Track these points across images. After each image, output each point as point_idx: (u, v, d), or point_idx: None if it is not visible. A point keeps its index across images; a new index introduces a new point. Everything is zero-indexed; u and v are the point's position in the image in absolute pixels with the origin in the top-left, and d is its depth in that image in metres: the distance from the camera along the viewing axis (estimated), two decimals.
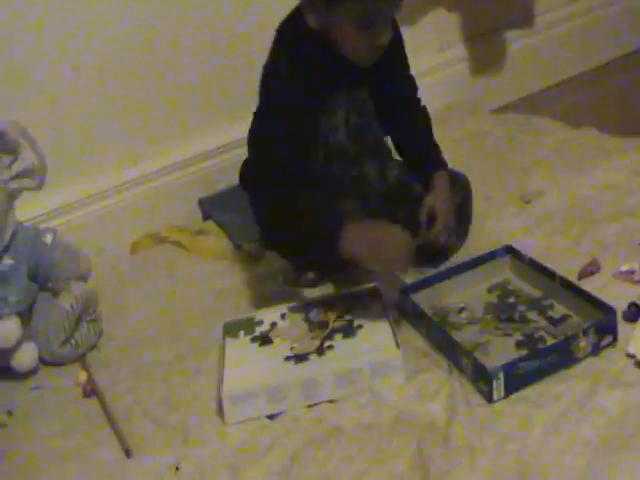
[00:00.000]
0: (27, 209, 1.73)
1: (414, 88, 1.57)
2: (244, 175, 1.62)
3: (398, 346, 1.27)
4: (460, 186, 1.55)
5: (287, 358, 1.32)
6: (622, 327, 1.26)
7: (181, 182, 2.00)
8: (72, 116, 1.84)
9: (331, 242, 1.27)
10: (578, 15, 2.57)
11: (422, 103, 1.58)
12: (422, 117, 1.57)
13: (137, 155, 1.96)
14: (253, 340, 1.40)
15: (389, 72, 1.46)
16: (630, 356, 1.21)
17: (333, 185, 1.42)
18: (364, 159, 1.44)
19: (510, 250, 1.50)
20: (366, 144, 1.44)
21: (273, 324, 1.43)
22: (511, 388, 1.18)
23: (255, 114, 1.50)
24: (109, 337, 1.58)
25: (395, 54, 1.46)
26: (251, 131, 1.57)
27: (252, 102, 1.95)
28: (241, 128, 1.98)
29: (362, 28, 1.29)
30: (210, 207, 1.98)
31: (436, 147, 1.55)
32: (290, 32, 1.38)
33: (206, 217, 1.99)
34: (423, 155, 1.52)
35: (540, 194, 1.78)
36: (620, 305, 1.29)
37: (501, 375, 1.16)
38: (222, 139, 2.03)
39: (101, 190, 1.92)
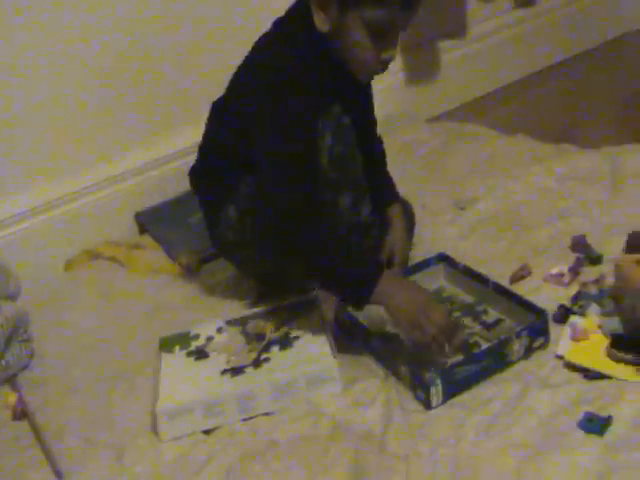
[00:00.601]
0: None
1: (375, 121, 1.57)
2: (196, 182, 1.58)
3: (334, 356, 1.27)
4: (408, 216, 1.56)
5: (223, 372, 1.31)
6: (552, 329, 1.29)
7: (117, 196, 1.98)
8: (1, 129, 1.80)
9: (360, 288, 1.23)
10: (510, 26, 2.64)
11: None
12: (380, 148, 1.57)
13: (70, 170, 1.92)
14: (189, 355, 1.39)
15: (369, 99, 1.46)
16: (559, 357, 1.24)
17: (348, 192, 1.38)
18: (354, 160, 1.37)
19: (444, 257, 1.52)
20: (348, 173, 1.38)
21: (209, 338, 1.42)
22: (449, 394, 1.19)
23: (233, 113, 1.43)
24: (41, 356, 1.54)
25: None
26: (209, 134, 1.53)
27: (190, 115, 1.99)
28: (178, 141, 2.01)
29: (376, 37, 1.24)
30: (146, 221, 1.96)
31: (390, 178, 1.56)
32: (294, 35, 1.31)
33: (143, 231, 1.98)
34: (379, 188, 1.50)
35: (474, 201, 1.81)
36: (550, 308, 1.33)
37: (438, 381, 1.17)
38: (159, 152, 2.01)
39: (33, 206, 1.88)
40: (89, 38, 1.87)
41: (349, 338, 1.40)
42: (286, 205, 1.24)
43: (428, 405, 1.19)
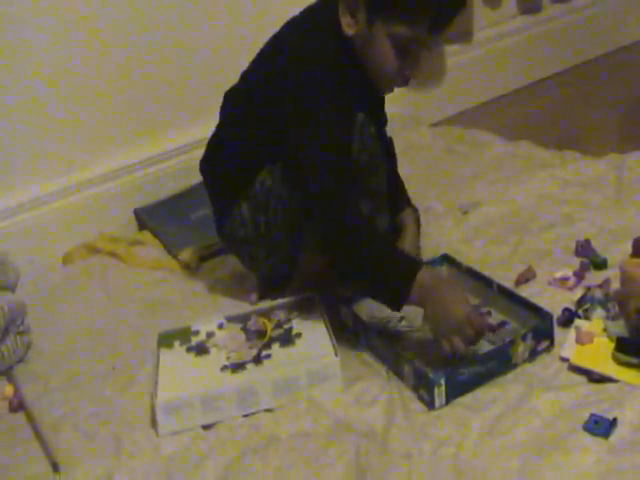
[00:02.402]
0: None
1: (386, 120, 1.57)
2: (206, 174, 1.56)
3: (336, 354, 1.27)
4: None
5: (223, 367, 1.31)
6: (556, 332, 1.30)
7: (117, 191, 1.99)
8: (0, 122, 1.81)
9: (396, 286, 1.22)
10: (515, 32, 2.65)
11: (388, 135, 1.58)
12: (390, 151, 1.58)
13: (71, 164, 1.93)
14: (189, 350, 1.39)
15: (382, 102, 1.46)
16: (563, 360, 1.24)
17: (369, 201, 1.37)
18: (377, 170, 1.37)
19: (447, 259, 1.53)
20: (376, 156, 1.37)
21: (210, 334, 1.42)
22: (452, 395, 1.19)
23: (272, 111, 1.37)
24: (38, 349, 1.54)
25: None
26: (222, 126, 1.51)
27: (192, 111, 2.00)
28: (179, 137, 2.02)
29: (400, 52, 1.24)
30: (146, 217, 1.96)
31: (402, 183, 1.57)
32: (325, 31, 1.29)
33: (142, 227, 1.98)
34: (391, 190, 1.49)
35: (478, 205, 1.82)
36: (555, 311, 1.33)
37: (442, 382, 1.18)
38: (159, 148, 2.02)
39: (33, 198, 1.89)
40: (93, 33, 1.88)
41: (351, 336, 1.41)
42: (330, 198, 1.24)
43: (431, 405, 1.19)
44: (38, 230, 1.88)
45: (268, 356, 1.33)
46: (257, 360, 1.32)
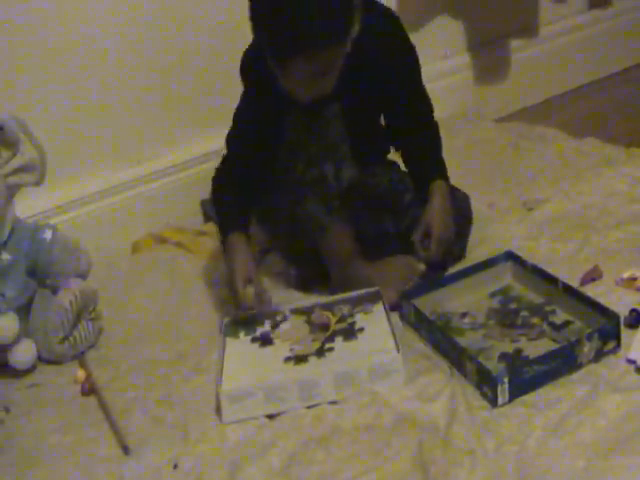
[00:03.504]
0: (28, 206, 1.75)
1: (426, 107, 1.59)
2: None
3: (398, 349, 1.28)
4: (459, 202, 1.57)
5: (286, 359, 1.33)
6: (623, 333, 1.27)
7: (183, 183, 2.03)
8: (75, 114, 1.86)
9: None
10: (583, 26, 2.61)
11: (435, 122, 1.60)
12: (430, 134, 1.59)
13: (140, 155, 1.98)
14: (253, 340, 1.41)
15: (375, 87, 1.47)
16: (630, 362, 1.22)
17: (296, 185, 1.45)
18: (323, 158, 1.45)
19: (512, 256, 1.51)
20: (324, 144, 1.45)
21: (274, 325, 1.44)
22: (515, 393, 1.19)
23: None
24: (108, 335, 1.59)
25: (394, 74, 1.48)
26: None
27: None
28: None
29: (283, 80, 1.32)
30: (212, 209, 1.91)
31: (439, 161, 1.57)
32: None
33: (207, 219, 2.00)
34: (424, 167, 1.55)
35: (543, 201, 1.80)
36: (621, 312, 1.31)
37: (506, 380, 1.17)
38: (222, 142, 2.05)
39: (103, 189, 1.94)
40: (163, 27, 1.91)
41: (413, 330, 1.41)
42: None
43: (494, 402, 1.19)
44: (107, 220, 1.93)
45: (331, 349, 1.34)
46: (320, 353, 1.33)
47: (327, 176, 1.44)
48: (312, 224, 1.47)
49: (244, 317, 1.47)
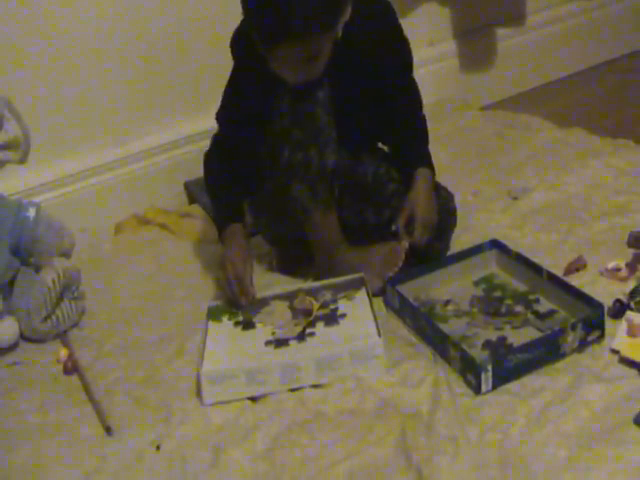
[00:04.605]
0: (11, 184, 1.73)
1: (415, 98, 1.58)
2: None
3: (380, 333, 1.28)
4: (444, 203, 1.56)
5: (267, 342, 1.33)
6: (606, 323, 1.28)
7: (168, 164, 2.00)
8: (59, 93, 1.83)
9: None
10: (571, 16, 2.60)
11: (423, 113, 1.60)
12: (418, 126, 1.59)
13: (124, 135, 1.95)
14: (236, 324, 1.41)
15: (359, 72, 1.46)
16: (614, 352, 1.23)
17: (281, 169, 1.44)
18: (309, 143, 1.43)
19: (496, 244, 1.51)
20: (311, 128, 1.43)
21: (257, 310, 1.44)
22: (499, 381, 1.19)
23: None
24: (91, 315, 1.57)
25: (384, 61, 1.47)
26: None
27: None
28: None
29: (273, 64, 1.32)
30: (196, 191, 1.97)
31: (425, 153, 1.56)
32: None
33: (192, 201, 1.99)
34: (409, 157, 1.55)
35: (528, 191, 1.80)
36: (605, 302, 1.31)
37: (490, 367, 1.17)
38: (212, 121, 2.01)
39: (87, 168, 1.91)
40: (131, 12, 1.88)
41: (397, 316, 1.41)
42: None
43: (478, 390, 1.19)
44: (91, 200, 1.91)
45: (312, 334, 1.33)
46: (301, 337, 1.33)
47: (312, 160, 1.43)
48: (297, 208, 1.46)
49: (230, 303, 1.47)
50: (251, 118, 1.46)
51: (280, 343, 1.32)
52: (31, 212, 1.53)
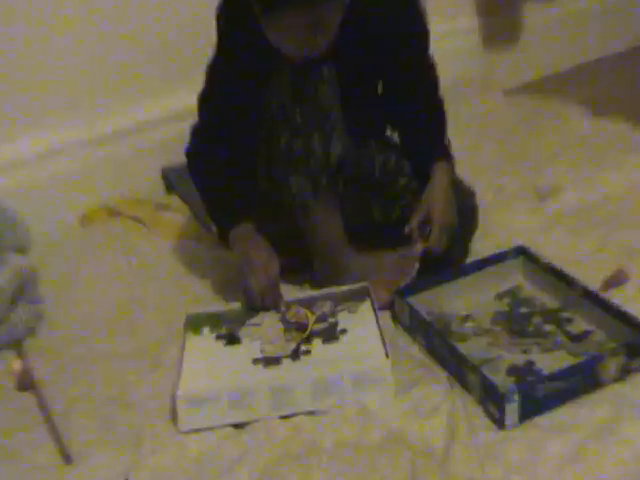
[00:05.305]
0: None
1: (430, 80, 1.57)
2: None
3: (387, 354, 1.27)
4: (463, 201, 1.55)
5: (255, 360, 1.32)
6: None
7: (142, 147, 2.00)
8: (22, 68, 1.82)
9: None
10: None
11: (440, 98, 1.59)
12: (434, 111, 1.58)
13: (93, 112, 1.94)
14: (218, 338, 1.40)
15: (369, 55, 1.45)
16: None
17: (278, 159, 1.45)
18: (310, 131, 1.43)
19: (523, 251, 1.50)
20: (312, 111, 1.43)
21: (243, 322, 1.42)
22: (526, 413, 1.17)
23: None
24: (52, 321, 1.56)
25: (397, 39, 1.46)
26: None
27: None
28: None
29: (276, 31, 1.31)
30: (175, 178, 1.97)
31: (443, 142, 1.55)
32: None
33: (170, 190, 1.99)
34: (425, 147, 1.54)
35: (558, 189, 1.79)
36: None
37: (517, 397, 1.16)
38: (191, 98, 2.01)
39: (48, 150, 1.89)
40: None
41: (406, 333, 1.40)
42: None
43: (501, 424, 1.18)
44: (53, 187, 1.90)
45: (308, 352, 1.33)
46: (295, 355, 1.32)
47: (314, 149, 1.42)
48: (295, 203, 1.45)
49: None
50: (244, 102, 1.44)
51: (270, 361, 1.31)
52: None
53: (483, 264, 1.49)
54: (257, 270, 1.41)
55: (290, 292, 1.53)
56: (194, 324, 1.43)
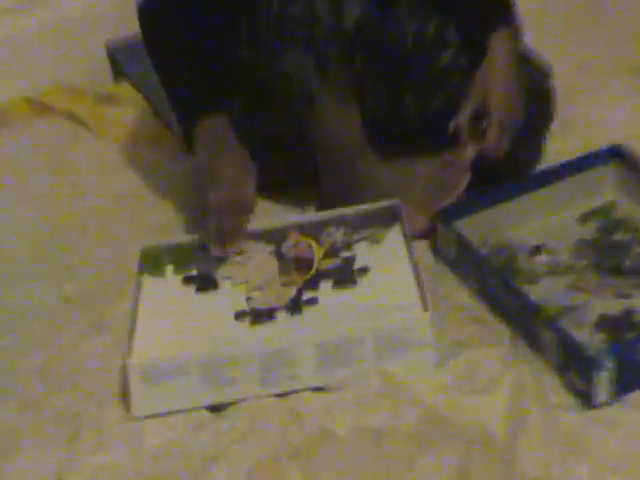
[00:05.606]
0: None
1: None
2: None
3: (426, 307, 1.26)
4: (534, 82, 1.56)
5: (239, 314, 1.32)
6: None
7: (79, 17, 2.03)
8: None
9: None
10: None
11: None
12: None
13: None
14: (186, 281, 1.40)
15: None
16: None
17: (268, 30, 1.46)
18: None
19: (618, 153, 1.49)
20: None
21: (221, 257, 1.40)
22: (625, 387, 1.16)
23: None
24: None
25: None
26: None
27: None
28: None
29: None
30: (125, 58, 1.97)
31: (502, 1, 1.52)
32: None
33: (118, 76, 2.00)
34: (476, 7, 1.52)
35: None
36: None
37: (610, 363, 1.13)
38: None
39: None
40: None
41: (453, 273, 1.41)
42: None
43: (589, 401, 1.16)
44: None
45: (313, 301, 1.33)
46: (295, 306, 1.32)
47: (319, 13, 1.40)
48: (293, 90, 1.44)
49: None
50: None
51: (259, 316, 1.31)
52: None
53: (562, 172, 1.48)
54: (219, 186, 1.37)
55: (287, 214, 1.56)
56: (152, 262, 1.44)
